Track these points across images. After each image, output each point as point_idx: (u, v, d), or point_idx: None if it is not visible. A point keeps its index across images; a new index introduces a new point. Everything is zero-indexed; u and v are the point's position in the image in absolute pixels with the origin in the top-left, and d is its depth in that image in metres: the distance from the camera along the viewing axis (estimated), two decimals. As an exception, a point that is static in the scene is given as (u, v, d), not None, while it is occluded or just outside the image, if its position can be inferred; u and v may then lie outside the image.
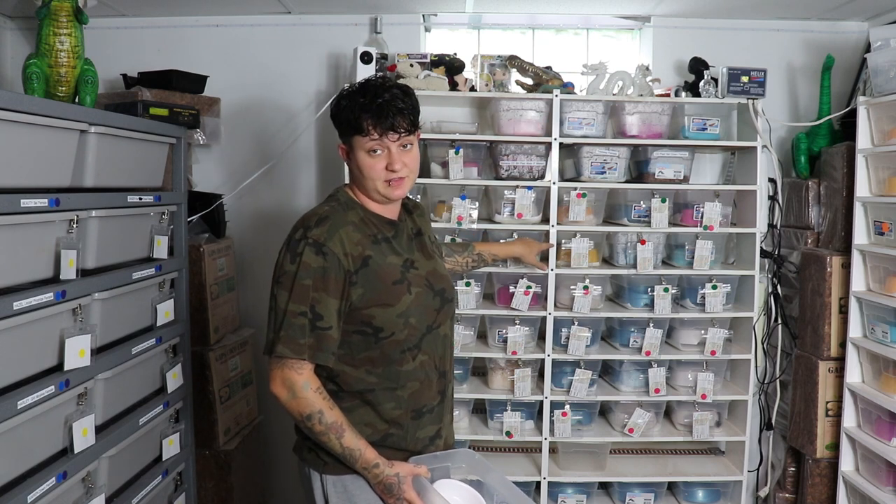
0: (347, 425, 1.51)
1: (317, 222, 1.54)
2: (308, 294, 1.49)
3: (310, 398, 1.50)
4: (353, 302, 1.53)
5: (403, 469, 1.53)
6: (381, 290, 1.55)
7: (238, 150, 3.04)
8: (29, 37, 2.99)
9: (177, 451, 2.29)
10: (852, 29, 3.00)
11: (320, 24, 3.02)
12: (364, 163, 1.56)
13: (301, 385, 1.50)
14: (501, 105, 2.61)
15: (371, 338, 1.55)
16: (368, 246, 1.55)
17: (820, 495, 2.72)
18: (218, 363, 2.67)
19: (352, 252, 1.52)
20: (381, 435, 1.58)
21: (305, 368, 1.51)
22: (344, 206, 1.61)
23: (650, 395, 2.67)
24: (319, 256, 1.50)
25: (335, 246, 1.50)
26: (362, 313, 1.54)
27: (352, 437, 1.51)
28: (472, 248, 2.15)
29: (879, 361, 2.48)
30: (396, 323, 1.56)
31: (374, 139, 1.53)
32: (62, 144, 1.75)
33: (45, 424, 1.68)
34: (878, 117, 2.47)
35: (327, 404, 1.51)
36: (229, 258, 2.87)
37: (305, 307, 1.49)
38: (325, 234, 1.51)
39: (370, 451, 1.53)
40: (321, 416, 1.50)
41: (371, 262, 1.54)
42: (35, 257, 1.67)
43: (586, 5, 2.93)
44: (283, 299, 1.51)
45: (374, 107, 1.52)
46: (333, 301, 1.50)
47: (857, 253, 2.55)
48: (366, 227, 1.58)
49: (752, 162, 2.67)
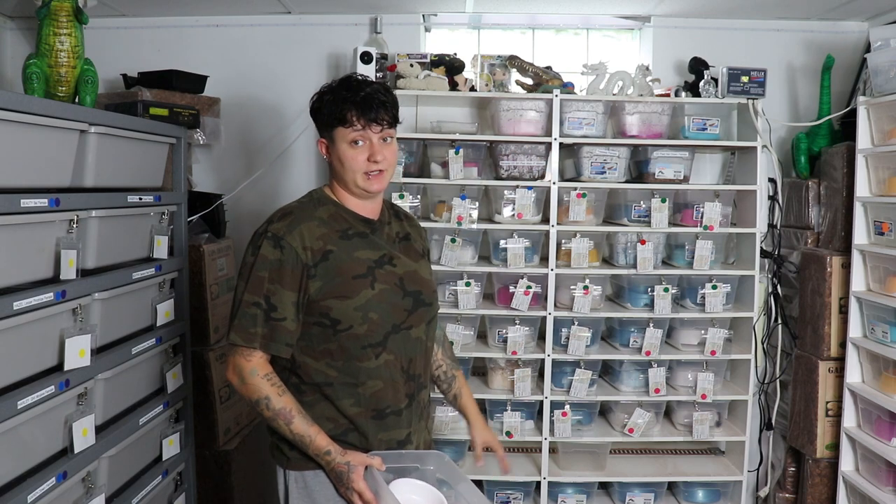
0: (298, 412, 1.52)
1: (280, 217, 1.59)
2: (263, 285, 1.53)
3: (257, 384, 1.52)
4: (311, 294, 1.55)
5: (356, 458, 1.52)
6: (340, 283, 1.56)
7: (238, 150, 3.04)
8: (29, 37, 2.99)
9: (177, 451, 2.29)
10: (852, 29, 3.00)
11: (320, 24, 3.02)
12: (346, 154, 1.59)
13: (249, 371, 1.53)
14: (501, 105, 2.61)
15: (329, 330, 1.56)
16: (333, 240, 1.58)
17: (820, 495, 2.72)
18: (218, 363, 2.67)
19: (311, 246, 1.55)
20: (341, 430, 1.58)
21: (255, 356, 1.53)
22: (315, 202, 1.64)
23: (650, 395, 2.67)
24: (277, 249, 1.53)
25: (293, 240, 1.54)
26: (320, 305, 1.56)
27: (301, 424, 1.52)
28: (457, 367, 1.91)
29: (879, 361, 2.48)
30: (354, 316, 1.56)
31: (357, 130, 1.57)
32: (62, 144, 1.75)
33: (45, 424, 1.68)
34: (878, 117, 2.47)
35: (275, 391, 1.53)
36: (229, 258, 2.87)
37: (260, 298, 1.53)
38: (284, 228, 1.55)
39: (322, 438, 1.53)
40: (268, 401, 1.52)
41: (332, 256, 1.56)
42: (35, 257, 1.67)
43: (586, 5, 2.93)
44: (241, 289, 1.55)
45: (359, 99, 1.57)
46: (289, 293, 1.53)
47: (857, 253, 2.55)
48: (335, 222, 1.61)
49: (752, 162, 2.67)
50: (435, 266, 2.63)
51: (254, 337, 1.52)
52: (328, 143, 1.63)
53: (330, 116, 1.59)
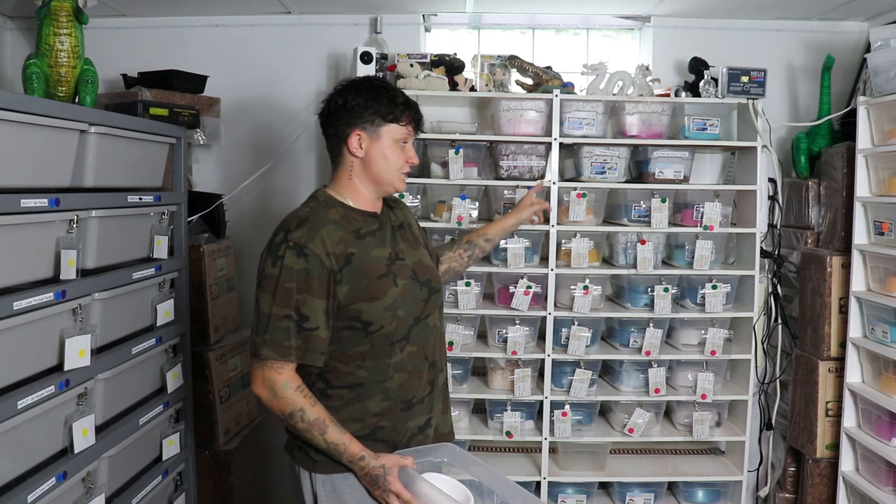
0: (331, 421, 1.53)
1: (297, 224, 1.56)
2: (292, 296, 1.51)
3: (290, 396, 1.52)
4: (340, 300, 1.55)
5: (389, 461, 1.54)
6: (367, 284, 1.57)
7: (238, 150, 3.04)
8: (29, 37, 2.99)
9: (177, 451, 2.29)
10: (852, 29, 3.00)
11: (320, 24, 3.02)
12: (391, 152, 1.64)
13: (281, 384, 1.52)
14: (501, 105, 2.61)
15: (361, 332, 1.57)
16: (351, 242, 1.58)
17: (820, 495, 2.72)
18: (218, 363, 2.67)
19: (334, 251, 1.54)
20: (370, 429, 1.60)
21: (286, 368, 1.53)
22: (323, 205, 1.63)
23: (650, 395, 2.67)
24: (301, 258, 1.52)
25: (316, 247, 1.53)
26: (350, 309, 1.56)
27: (335, 432, 1.53)
28: (461, 240, 2.08)
29: (879, 361, 2.48)
30: (385, 316, 1.57)
31: (408, 131, 1.66)
32: (62, 144, 1.75)
33: (45, 424, 1.68)
34: (878, 117, 2.47)
35: (308, 402, 1.53)
36: (229, 258, 2.87)
37: (290, 310, 1.51)
38: (305, 236, 1.53)
39: (355, 445, 1.54)
40: (303, 413, 1.52)
41: (354, 258, 1.56)
42: (35, 257, 1.67)
43: (586, 5, 2.93)
44: (267, 303, 1.52)
45: (412, 102, 1.67)
46: (319, 301, 1.53)
47: (857, 253, 2.55)
48: (347, 223, 1.61)
49: (752, 162, 2.67)
50: (435, 266, 2.63)
51: (289, 350, 1.51)
52: (368, 137, 1.63)
53: (384, 112, 1.62)
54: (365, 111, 1.62)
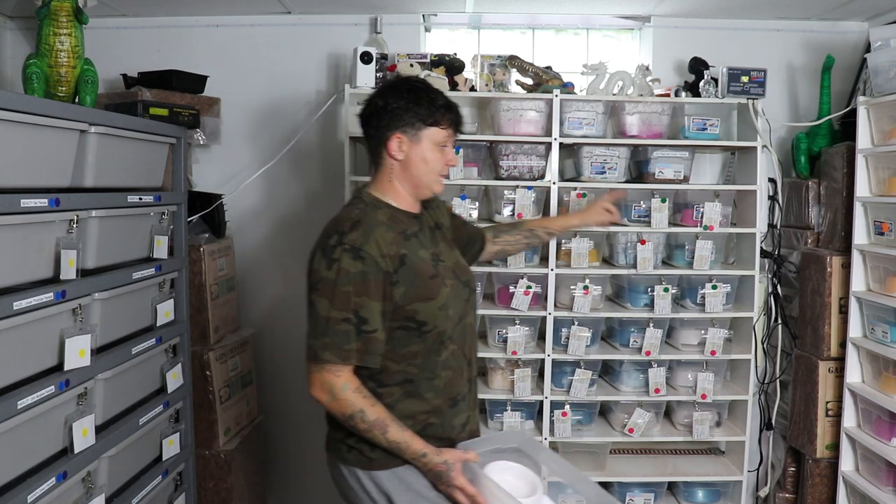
0: (391, 420, 1.54)
1: (351, 227, 1.56)
2: (350, 300, 1.51)
3: (350, 398, 1.53)
4: (397, 300, 1.56)
5: (452, 456, 1.55)
6: (421, 285, 1.59)
7: (238, 150, 3.04)
8: (29, 37, 2.99)
9: (177, 451, 2.29)
10: (852, 29, 3.00)
11: (320, 24, 3.02)
12: (431, 155, 1.65)
13: (340, 387, 1.53)
14: (501, 105, 2.61)
15: (414, 332, 1.59)
16: (401, 243, 1.59)
17: (820, 495, 2.72)
18: (218, 363, 2.67)
19: (388, 252, 1.55)
20: (421, 425, 1.61)
21: (344, 371, 1.53)
22: (371, 206, 1.64)
23: (650, 395, 2.67)
24: (357, 261, 1.52)
25: (372, 249, 1.53)
26: (406, 309, 1.57)
27: (396, 430, 1.54)
28: (522, 225, 2.13)
29: (879, 361, 2.48)
30: (438, 315, 1.60)
31: (448, 134, 1.66)
32: (62, 144, 1.75)
33: (45, 424, 1.68)
34: (878, 117, 2.47)
35: (368, 402, 1.54)
36: (229, 258, 2.87)
37: (348, 313, 1.51)
38: (360, 238, 1.54)
39: (417, 442, 1.55)
40: (363, 414, 1.53)
41: (407, 259, 1.58)
42: (35, 257, 1.67)
43: (586, 5, 2.93)
44: (324, 306, 1.52)
45: (452, 105, 1.67)
46: (376, 304, 1.53)
47: (857, 253, 2.55)
48: (395, 224, 1.62)
49: (752, 162, 2.67)
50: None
51: (349, 353, 1.52)
52: (408, 140, 1.64)
53: (426, 115, 1.63)
54: (405, 114, 1.62)
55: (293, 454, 3.17)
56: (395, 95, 1.64)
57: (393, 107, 1.63)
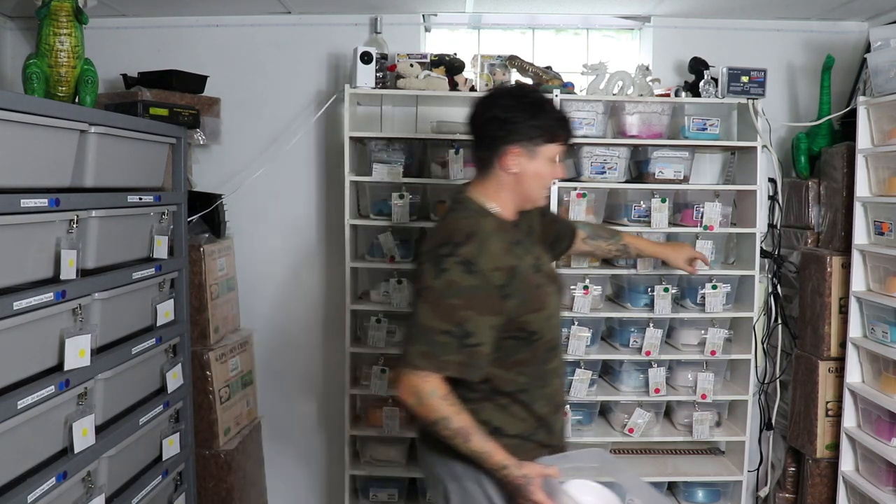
0: (475, 430, 1.52)
1: (465, 238, 1.54)
2: (455, 313, 1.49)
3: (435, 405, 1.50)
4: (510, 313, 1.54)
5: (532, 470, 1.52)
6: (531, 296, 1.58)
7: (238, 150, 3.04)
8: (29, 37, 2.99)
9: (177, 451, 2.29)
10: (852, 29, 3.00)
11: (320, 24, 3.01)
12: (545, 170, 1.62)
13: (428, 392, 1.50)
14: (501, 105, 2.61)
15: (524, 342, 1.59)
16: (511, 254, 1.58)
17: (820, 495, 2.72)
18: (218, 363, 2.67)
19: (501, 265, 1.54)
20: (533, 430, 1.64)
21: (432, 377, 1.51)
22: (478, 213, 1.62)
23: (650, 395, 2.67)
24: (469, 275, 1.50)
25: (485, 263, 1.51)
26: (518, 321, 1.56)
27: (479, 441, 1.52)
28: (620, 238, 2.16)
29: (879, 361, 2.48)
30: (546, 325, 1.62)
31: (563, 148, 1.65)
32: (62, 144, 1.75)
33: (45, 424, 1.68)
34: (878, 117, 2.47)
35: (454, 410, 1.51)
36: (229, 258, 2.87)
37: (451, 325, 1.49)
38: (474, 252, 1.52)
39: (499, 454, 1.52)
40: (447, 421, 1.51)
41: (517, 271, 1.56)
42: (35, 257, 1.67)
43: (586, 5, 2.93)
44: (426, 314, 1.51)
45: (567, 118, 1.66)
46: (486, 318, 1.51)
47: (857, 253, 2.55)
48: (503, 233, 1.61)
49: (752, 162, 2.67)
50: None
51: (445, 364, 1.50)
52: (525, 155, 1.60)
53: (545, 131, 1.59)
54: (525, 129, 1.58)
55: (293, 454, 3.17)
56: (514, 107, 1.59)
57: (512, 119, 1.58)
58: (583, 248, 2.10)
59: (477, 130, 1.65)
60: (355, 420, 2.75)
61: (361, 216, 2.75)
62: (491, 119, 1.60)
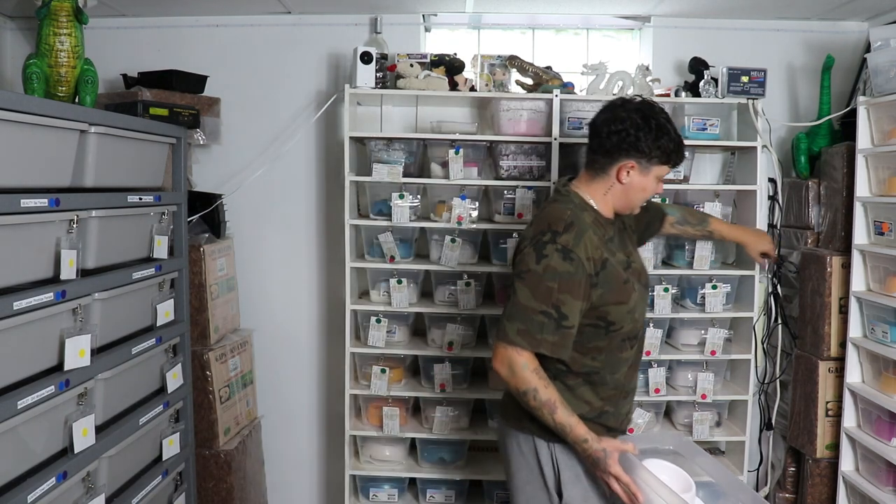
0: (561, 403, 1.64)
1: (565, 227, 1.67)
2: (552, 295, 1.63)
3: (527, 377, 1.64)
4: (594, 301, 1.68)
5: (610, 445, 1.62)
6: (617, 289, 1.71)
7: (238, 150, 3.04)
8: (29, 37, 2.99)
9: (177, 451, 2.29)
10: (852, 29, 3.00)
11: (320, 24, 3.02)
12: (650, 187, 1.76)
13: (521, 365, 1.64)
14: (501, 105, 2.61)
15: (602, 330, 1.72)
16: (604, 248, 1.71)
17: (820, 495, 2.72)
18: (218, 363, 2.67)
19: (593, 256, 1.67)
20: (597, 412, 1.76)
21: (526, 352, 1.65)
22: (579, 207, 1.75)
23: (650, 395, 2.67)
24: (567, 262, 1.64)
25: (581, 251, 1.65)
26: (600, 310, 1.70)
27: (563, 414, 1.64)
28: (707, 224, 2.31)
29: (879, 361, 2.48)
30: (626, 318, 1.73)
31: (669, 170, 1.78)
32: (62, 144, 1.75)
33: (45, 424, 1.68)
34: (878, 117, 2.47)
35: (542, 383, 1.65)
36: (229, 258, 2.87)
37: (548, 307, 1.63)
38: (572, 240, 1.65)
39: (580, 428, 1.63)
40: (536, 392, 1.64)
41: (608, 263, 1.70)
42: (35, 257, 1.67)
43: (586, 5, 2.93)
44: (525, 295, 1.65)
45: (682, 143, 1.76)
46: (577, 303, 1.65)
47: (857, 253, 2.55)
48: (599, 228, 1.74)
49: (752, 162, 2.67)
50: (435, 266, 2.64)
51: (540, 343, 1.64)
52: (639, 170, 1.73)
53: (663, 154, 1.72)
54: (645, 147, 1.70)
55: (293, 454, 3.17)
56: (642, 126, 1.69)
57: (637, 137, 1.69)
58: (670, 231, 2.27)
59: (599, 136, 1.75)
60: (355, 420, 2.76)
61: (361, 216, 2.75)
62: (618, 131, 1.71)
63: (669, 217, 2.26)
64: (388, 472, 2.75)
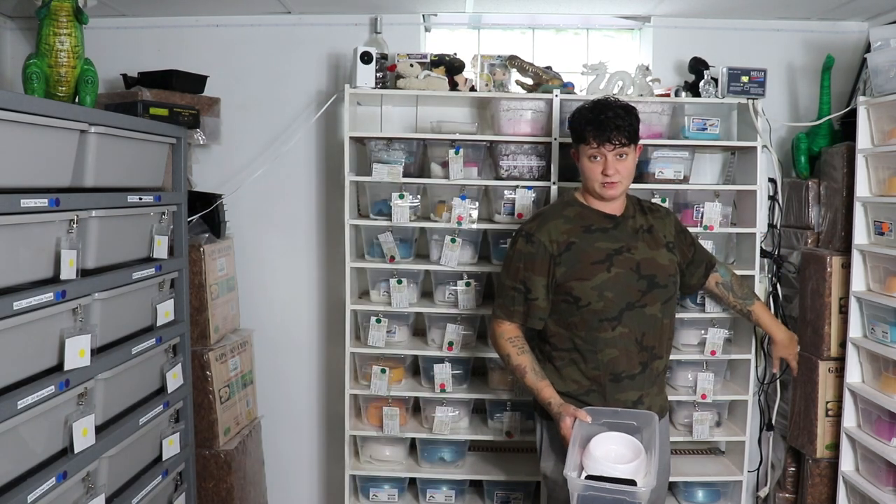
0: (530, 369, 1.95)
1: (532, 218, 2.04)
2: (520, 273, 1.97)
3: (503, 344, 2.00)
4: (558, 278, 1.94)
5: (566, 409, 1.85)
6: (580, 267, 1.93)
7: (238, 150, 3.04)
8: (29, 37, 2.99)
9: (177, 451, 2.29)
10: (852, 29, 3.00)
11: (320, 24, 3.02)
12: (586, 166, 1.97)
13: (499, 334, 2.02)
14: (501, 105, 2.61)
15: (573, 306, 1.94)
16: (577, 234, 1.95)
17: (820, 495, 2.72)
18: (218, 363, 2.67)
19: (557, 239, 1.95)
20: (584, 390, 1.96)
21: (505, 324, 2.02)
22: (564, 204, 2.04)
23: (650, 395, 2.67)
24: (529, 245, 1.96)
25: (543, 235, 1.95)
26: (564, 286, 1.94)
27: (532, 378, 1.94)
28: (751, 303, 2.37)
29: (879, 361, 2.48)
30: (591, 294, 1.91)
31: (593, 148, 1.93)
32: (62, 144, 1.75)
33: (45, 424, 1.68)
34: (878, 117, 2.47)
35: (515, 351, 1.98)
36: (229, 258, 2.87)
37: (517, 283, 1.98)
38: (535, 227, 1.98)
39: (547, 391, 1.91)
40: (509, 358, 1.99)
41: (574, 246, 1.94)
42: (35, 257, 1.67)
43: (586, 5, 2.93)
44: (504, 276, 2.03)
45: (597, 122, 1.91)
46: (540, 278, 1.95)
47: (857, 253, 2.55)
48: (580, 219, 1.98)
49: (752, 162, 2.67)
50: (435, 266, 2.64)
51: (514, 313, 1.99)
52: (579, 154, 1.99)
53: (575, 133, 1.97)
54: (573, 132, 1.99)
55: (293, 454, 3.17)
56: (572, 117, 1.99)
57: (572, 125, 1.99)
58: (713, 290, 2.38)
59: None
60: (355, 420, 2.76)
61: (361, 216, 2.75)
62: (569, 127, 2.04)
63: (717, 275, 2.34)
64: (388, 472, 2.75)
